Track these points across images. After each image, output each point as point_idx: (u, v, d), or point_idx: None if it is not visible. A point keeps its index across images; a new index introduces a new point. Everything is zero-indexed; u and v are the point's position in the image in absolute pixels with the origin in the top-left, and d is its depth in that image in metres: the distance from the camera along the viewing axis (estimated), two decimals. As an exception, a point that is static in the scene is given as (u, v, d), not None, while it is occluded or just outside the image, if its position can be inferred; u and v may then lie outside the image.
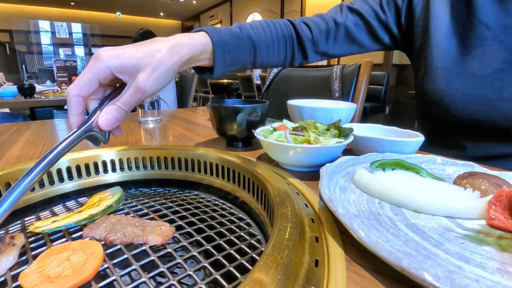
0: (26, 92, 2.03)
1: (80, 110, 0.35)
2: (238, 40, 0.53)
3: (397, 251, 0.20)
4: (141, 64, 0.36)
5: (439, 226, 0.26)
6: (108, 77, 0.35)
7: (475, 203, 0.28)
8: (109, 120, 0.34)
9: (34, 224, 0.28)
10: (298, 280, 0.19)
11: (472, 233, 0.25)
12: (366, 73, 1.04)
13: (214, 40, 0.47)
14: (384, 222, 0.27)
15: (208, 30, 0.48)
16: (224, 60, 0.50)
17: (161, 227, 0.27)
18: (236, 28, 0.54)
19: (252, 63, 0.59)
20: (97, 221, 0.28)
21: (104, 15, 8.59)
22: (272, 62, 0.64)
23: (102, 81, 0.35)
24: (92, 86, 0.35)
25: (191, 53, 0.42)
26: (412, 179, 0.34)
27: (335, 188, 0.32)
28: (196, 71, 0.52)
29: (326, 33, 0.66)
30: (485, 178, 0.32)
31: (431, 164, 0.42)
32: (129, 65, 0.35)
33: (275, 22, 0.63)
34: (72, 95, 0.34)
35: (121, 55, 0.35)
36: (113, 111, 0.34)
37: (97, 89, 0.36)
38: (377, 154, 0.42)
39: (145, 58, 0.36)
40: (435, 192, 0.31)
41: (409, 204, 0.29)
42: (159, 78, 0.37)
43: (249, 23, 0.59)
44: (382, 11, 0.64)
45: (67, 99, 0.34)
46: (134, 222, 0.28)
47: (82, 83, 0.34)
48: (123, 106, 0.35)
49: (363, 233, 0.22)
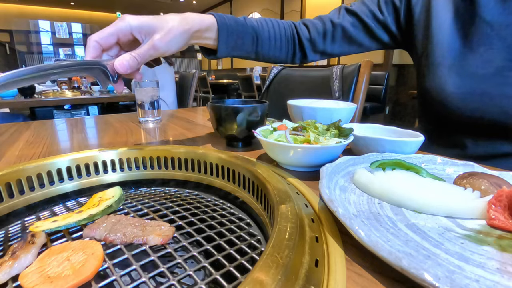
0: (26, 92, 2.03)
1: (95, 54, 0.42)
2: (242, 27, 0.59)
3: (397, 251, 0.20)
4: (158, 27, 0.43)
5: (439, 226, 0.26)
6: (127, 35, 0.42)
7: (475, 203, 0.28)
8: (124, 63, 0.40)
9: (34, 224, 0.28)
10: (298, 280, 0.19)
11: (472, 233, 0.25)
12: (366, 73, 1.04)
13: (219, 22, 0.54)
14: (384, 222, 0.27)
15: (215, 14, 0.55)
16: (227, 41, 0.56)
17: (161, 227, 0.27)
18: (241, 18, 0.60)
19: (255, 53, 0.64)
20: (97, 221, 0.28)
21: (104, 15, 8.59)
22: (274, 56, 0.68)
23: (121, 38, 0.42)
24: (112, 39, 0.42)
25: (199, 26, 0.50)
26: (412, 179, 0.34)
27: (335, 188, 0.32)
28: (203, 52, 0.59)
29: (323, 33, 0.69)
30: (485, 178, 0.32)
31: (431, 164, 0.41)
32: (147, 27, 0.43)
33: (279, 21, 0.68)
34: (93, 40, 0.41)
35: (142, 19, 0.43)
36: (128, 57, 0.41)
37: (114, 45, 0.43)
38: (377, 154, 0.42)
39: (161, 23, 0.44)
40: (435, 192, 0.31)
41: (409, 204, 0.29)
42: (171, 41, 0.44)
43: (254, 18, 0.64)
44: (380, 11, 0.66)
45: (87, 43, 0.41)
46: (134, 222, 0.28)
47: (104, 34, 0.41)
48: (137, 57, 0.42)
49: (363, 233, 0.22)
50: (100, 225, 0.27)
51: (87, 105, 2.33)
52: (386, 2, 0.66)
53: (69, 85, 2.71)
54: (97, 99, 2.35)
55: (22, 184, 0.35)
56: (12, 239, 0.29)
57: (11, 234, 0.30)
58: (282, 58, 0.70)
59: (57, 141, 0.66)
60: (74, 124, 0.88)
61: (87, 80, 0.45)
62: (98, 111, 2.39)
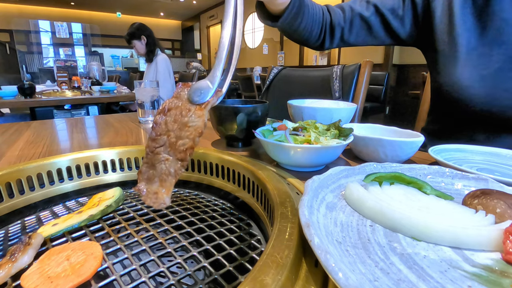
0: (26, 92, 2.03)
1: None
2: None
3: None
4: None
5: (441, 261, 0.21)
6: None
7: (488, 231, 0.22)
8: None
9: (36, 232, 0.27)
10: (298, 280, 0.19)
11: (484, 272, 0.20)
12: (366, 73, 1.04)
13: None
14: (373, 253, 0.22)
15: None
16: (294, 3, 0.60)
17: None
18: None
19: (298, 24, 0.66)
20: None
21: (104, 15, 8.59)
22: (309, 32, 0.70)
23: None
24: None
25: None
26: (412, 197, 0.29)
27: (319, 206, 0.27)
28: (260, 16, 0.65)
29: (343, 20, 0.71)
30: (502, 199, 0.26)
31: (437, 177, 0.35)
32: None
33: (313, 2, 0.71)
34: None
35: None
36: None
37: None
38: (376, 164, 0.36)
39: None
40: (439, 214, 0.26)
41: (406, 229, 0.24)
42: None
43: None
44: (400, 6, 0.68)
45: None
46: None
47: None
48: None
49: (341, 273, 0.17)
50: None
51: (87, 105, 2.34)
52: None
53: (69, 85, 2.71)
54: (97, 99, 2.35)
55: (22, 184, 0.35)
56: (12, 239, 0.29)
57: (11, 234, 0.30)
58: (311, 39, 0.72)
59: (57, 141, 0.66)
60: (74, 124, 0.88)
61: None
62: (98, 111, 2.39)
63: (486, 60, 0.57)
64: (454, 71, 0.60)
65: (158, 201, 0.24)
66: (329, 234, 0.23)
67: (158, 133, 0.25)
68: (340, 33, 0.72)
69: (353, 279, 0.16)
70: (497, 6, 0.56)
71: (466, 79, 0.58)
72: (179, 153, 0.24)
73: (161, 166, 0.25)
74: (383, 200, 0.27)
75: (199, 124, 0.25)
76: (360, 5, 0.70)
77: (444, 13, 0.62)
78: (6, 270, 0.21)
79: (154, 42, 2.22)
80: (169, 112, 0.26)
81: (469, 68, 0.58)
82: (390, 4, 0.68)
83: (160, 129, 0.25)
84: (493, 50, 0.57)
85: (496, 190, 0.28)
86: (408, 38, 0.70)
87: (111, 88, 2.67)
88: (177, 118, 0.25)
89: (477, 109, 0.58)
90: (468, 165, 0.44)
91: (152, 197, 0.25)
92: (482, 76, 0.57)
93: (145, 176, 0.26)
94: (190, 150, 0.24)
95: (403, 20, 0.68)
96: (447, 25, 0.62)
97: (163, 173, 0.25)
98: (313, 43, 0.75)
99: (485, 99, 0.56)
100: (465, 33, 0.59)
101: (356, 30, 0.71)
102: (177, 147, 0.25)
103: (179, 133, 0.25)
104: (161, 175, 0.25)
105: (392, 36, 0.71)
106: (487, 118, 0.58)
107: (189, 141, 0.24)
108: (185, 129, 0.25)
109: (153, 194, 0.25)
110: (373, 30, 0.70)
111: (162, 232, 0.29)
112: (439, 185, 0.34)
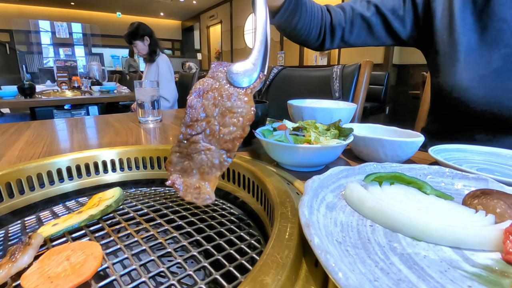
0: (26, 92, 2.03)
1: None
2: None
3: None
4: None
5: (441, 261, 0.21)
6: None
7: (487, 231, 0.22)
8: None
9: (37, 232, 0.27)
10: (298, 280, 0.19)
11: (484, 272, 0.20)
12: (366, 73, 1.04)
13: None
14: (373, 253, 0.22)
15: None
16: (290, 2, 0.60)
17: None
18: None
19: (296, 23, 0.66)
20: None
21: (104, 15, 8.59)
22: (307, 32, 0.70)
23: None
24: None
25: None
26: (412, 197, 0.29)
27: (319, 206, 0.27)
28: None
29: (343, 20, 0.71)
30: (502, 199, 0.26)
31: (437, 177, 0.35)
32: None
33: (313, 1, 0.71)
34: None
35: None
36: None
37: None
38: (376, 164, 0.36)
39: None
40: (439, 214, 0.26)
41: (406, 229, 0.24)
42: None
43: None
44: (400, 7, 0.68)
45: None
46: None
47: None
48: None
49: (341, 273, 0.17)
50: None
51: (87, 105, 2.34)
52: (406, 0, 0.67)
53: (69, 85, 2.71)
54: (97, 99, 2.35)
55: (22, 184, 0.35)
56: (12, 239, 0.29)
57: (11, 234, 0.30)
58: (310, 39, 0.72)
59: (57, 141, 0.66)
60: (74, 124, 0.88)
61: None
62: (98, 111, 2.39)
63: (486, 60, 0.57)
64: (454, 72, 0.60)
65: (201, 197, 0.22)
66: (329, 234, 0.23)
67: (194, 118, 0.22)
68: (341, 33, 0.72)
69: (353, 279, 0.16)
70: (497, 7, 0.56)
71: (466, 79, 0.58)
72: (225, 142, 0.21)
73: (200, 156, 0.22)
74: (383, 200, 0.27)
75: (247, 110, 0.22)
76: (361, 5, 0.70)
77: (444, 14, 0.62)
78: (6, 270, 0.21)
79: (156, 43, 2.21)
80: (206, 94, 0.22)
81: (469, 69, 0.58)
82: (390, 4, 0.68)
83: (196, 113, 0.22)
84: (493, 50, 0.57)
85: (496, 190, 0.28)
86: (408, 39, 0.70)
87: (111, 88, 2.67)
88: (217, 102, 0.22)
89: (477, 109, 0.58)
90: (468, 165, 0.44)
91: (193, 192, 0.22)
92: (482, 77, 0.57)
93: (177, 167, 0.22)
94: (239, 140, 0.21)
95: (404, 20, 0.68)
96: (447, 26, 0.62)
97: (204, 164, 0.22)
98: (312, 43, 0.74)
99: (485, 100, 0.56)
100: (465, 34, 0.59)
101: (357, 30, 0.71)
102: (221, 135, 0.22)
103: (222, 119, 0.22)
104: (201, 166, 0.22)
105: (393, 37, 0.71)
106: (487, 118, 0.58)
107: (237, 129, 0.21)
108: (230, 116, 0.22)
109: (194, 189, 0.22)
110: (374, 31, 0.70)
111: (162, 232, 0.29)
112: (439, 185, 0.34)
